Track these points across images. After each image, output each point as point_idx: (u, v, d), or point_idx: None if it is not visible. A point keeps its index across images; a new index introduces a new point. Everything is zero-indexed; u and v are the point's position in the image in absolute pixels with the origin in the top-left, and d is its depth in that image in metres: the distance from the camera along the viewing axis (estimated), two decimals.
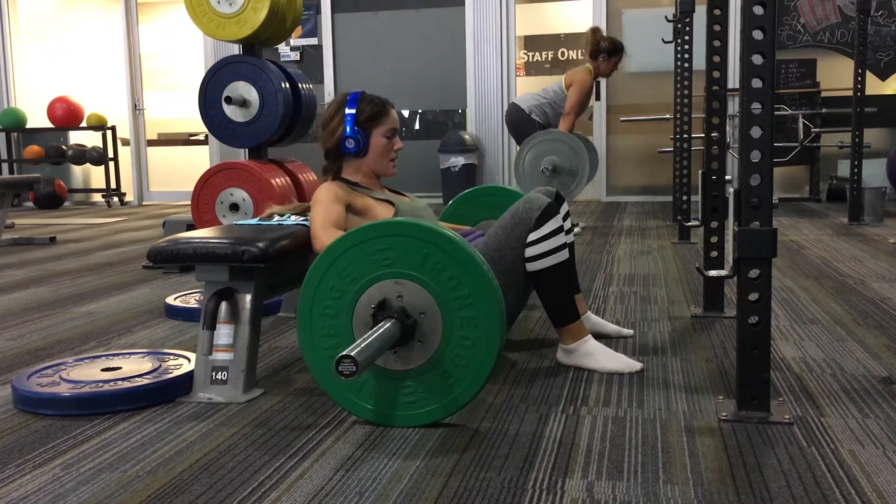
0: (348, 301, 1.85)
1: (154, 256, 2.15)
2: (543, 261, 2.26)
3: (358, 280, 1.84)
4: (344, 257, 1.84)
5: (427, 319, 1.81)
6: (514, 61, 7.78)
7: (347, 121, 2.39)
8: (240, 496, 1.53)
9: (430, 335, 1.82)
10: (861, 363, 2.29)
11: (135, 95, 8.75)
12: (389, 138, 2.45)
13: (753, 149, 1.78)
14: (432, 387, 1.83)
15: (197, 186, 3.84)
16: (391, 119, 2.45)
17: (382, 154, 2.45)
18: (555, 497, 1.49)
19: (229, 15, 3.76)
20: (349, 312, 1.86)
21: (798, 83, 7.00)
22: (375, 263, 1.83)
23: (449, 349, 1.81)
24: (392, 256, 1.82)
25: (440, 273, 1.79)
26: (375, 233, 1.83)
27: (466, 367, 1.80)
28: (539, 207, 2.27)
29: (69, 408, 2.00)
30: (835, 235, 4.87)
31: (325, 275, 1.86)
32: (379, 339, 1.73)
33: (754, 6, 1.76)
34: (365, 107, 2.41)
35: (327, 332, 1.87)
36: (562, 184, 5.11)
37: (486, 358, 1.79)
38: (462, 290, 1.79)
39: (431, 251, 1.80)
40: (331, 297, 1.86)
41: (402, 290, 1.82)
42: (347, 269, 1.85)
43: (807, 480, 1.54)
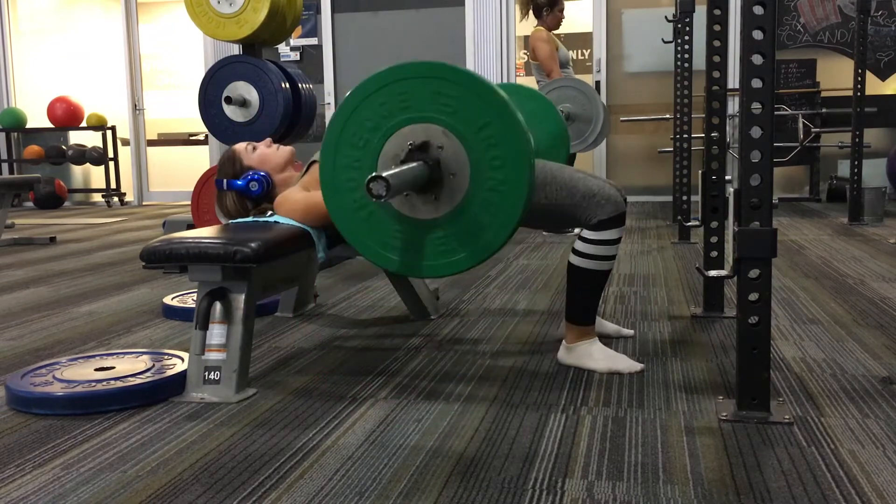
0: (373, 149, 1.78)
1: (147, 257, 2.16)
2: (589, 262, 2.24)
3: (380, 127, 1.77)
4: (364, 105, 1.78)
5: (454, 162, 1.75)
6: (514, 61, 7.78)
7: (232, 186, 2.54)
8: (240, 496, 1.53)
9: (458, 179, 1.75)
10: (861, 363, 2.29)
11: (135, 95, 8.75)
12: (255, 150, 2.59)
13: (753, 149, 1.78)
14: (462, 234, 1.76)
15: (197, 186, 3.84)
16: (242, 150, 2.60)
17: (267, 157, 2.58)
18: (555, 497, 1.49)
19: (229, 15, 3.76)
20: (373, 161, 1.79)
21: (798, 83, 7.00)
22: (396, 109, 1.76)
23: (477, 194, 1.73)
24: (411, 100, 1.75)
25: (465, 114, 1.72)
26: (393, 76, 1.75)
27: (496, 212, 1.73)
28: (609, 213, 2.21)
29: (62, 407, 2.00)
30: (835, 235, 4.87)
31: (347, 124, 1.79)
32: (408, 171, 1.67)
33: (754, 6, 1.76)
34: (224, 167, 2.59)
35: (352, 184, 1.80)
36: (577, 132, 4.93)
37: (515, 201, 1.72)
38: (489, 131, 1.72)
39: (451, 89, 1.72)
40: (354, 147, 1.80)
41: (425, 134, 1.76)
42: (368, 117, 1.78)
43: (807, 480, 1.54)
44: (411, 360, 2.42)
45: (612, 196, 2.24)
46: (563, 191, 2.24)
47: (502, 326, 2.82)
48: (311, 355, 2.51)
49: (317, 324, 2.94)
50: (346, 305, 3.24)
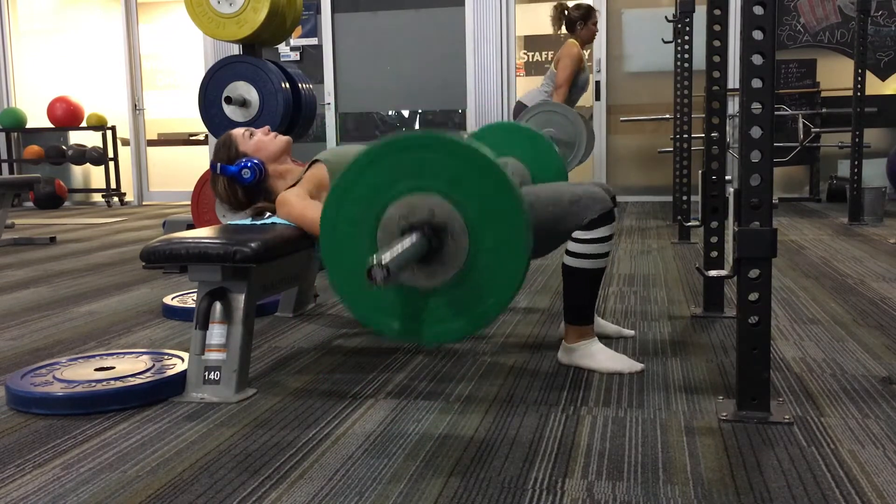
0: (371, 220, 1.79)
1: (147, 257, 2.16)
2: (582, 261, 2.24)
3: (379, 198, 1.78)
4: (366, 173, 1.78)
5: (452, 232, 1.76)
6: (514, 61, 7.78)
7: (225, 172, 2.52)
8: (240, 496, 1.53)
9: (456, 249, 1.76)
10: (861, 363, 2.29)
11: (135, 95, 8.75)
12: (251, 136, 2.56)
13: (753, 149, 1.78)
14: (461, 302, 1.77)
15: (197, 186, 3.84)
16: (238, 134, 2.57)
17: (263, 145, 2.55)
18: (555, 497, 1.49)
19: (229, 15, 3.76)
20: (372, 230, 1.79)
21: (798, 83, 7.00)
22: (395, 179, 1.77)
23: (476, 262, 1.75)
24: (416, 170, 1.76)
25: (463, 184, 1.74)
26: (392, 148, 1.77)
27: (494, 280, 1.75)
28: (599, 211, 2.22)
29: (62, 407, 2.00)
30: (835, 235, 4.87)
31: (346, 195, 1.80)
32: (408, 249, 1.68)
33: (754, 6, 1.76)
34: (219, 151, 2.56)
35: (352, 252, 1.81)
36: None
37: (515, 269, 1.73)
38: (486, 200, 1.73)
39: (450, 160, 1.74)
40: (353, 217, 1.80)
41: (426, 205, 1.77)
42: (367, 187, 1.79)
43: (807, 480, 1.54)
44: (411, 360, 2.42)
45: (597, 195, 2.25)
46: (550, 205, 2.25)
47: (502, 326, 2.82)
48: (311, 355, 2.51)
49: (317, 324, 2.94)
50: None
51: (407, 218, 1.78)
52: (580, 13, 5.23)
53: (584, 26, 5.26)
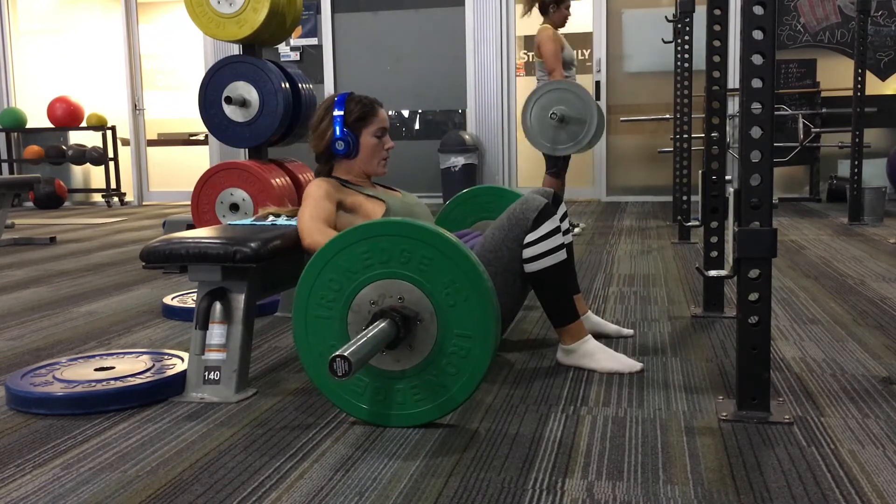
0: (342, 303, 1.85)
1: (147, 257, 2.16)
2: (541, 261, 2.26)
3: (351, 281, 1.84)
4: (337, 259, 1.84)
5: (421, 318, 1.81)
6: (514, 61, 7.78)
7: (336, 122, 2.38)
8: (240, 496, 1.53)
9: (425, 335, 1.82)
10: (861, 363, 2.29)
11: (135, 95, 8.75)
12: (379, 138, 2.43)
13: (753, 149, 1.78)
14: (427, 387, 1.83)
15: (197, 186, 3.84)
16: (380, 118, 2.43)
17: (373, 154, 2.43)
18: (555, 497, 1.49)
19: (229, 15, 3.76)
20: (343, 313, 1.86)
21: (798, 83, 7.00)
22: (368, 264, 1.83)
23: (444, 349, 1.81)
24: (385, 257, 1.82)
25: (433, 271, 1.79)
26: (366, 233, 1.83)
27: (461, 366, 1.80)
28: (536, 208, 2.27)
29: (62, 407, 2.00)
30: (835, 235, 4.87)
31: (319, 277, 1.86)
32: (373, 338, 1.73)
33: (754, 6, 1.76)
34: (353, 107, 2.40)
35: (322, 334, 1.87)
36: (571, 134, 4.94)
37: (481, 357, 1.79)
38: (455, 289, 1.78)
39: (423, 249, 1.79)
40: (324, 299, 1.86)
41: (396, 291, 1.82)
42: (340, 270, 1.84)
43: (807, 480, 1.54)
44: None
45: (527, 198, 2.30)
46: (492, 235, 2.30)
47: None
48: None
49: None
50: None
51: (377, 303, 1.83)
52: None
53: (556, 9, 5.26)
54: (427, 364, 1.82)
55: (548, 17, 5.27)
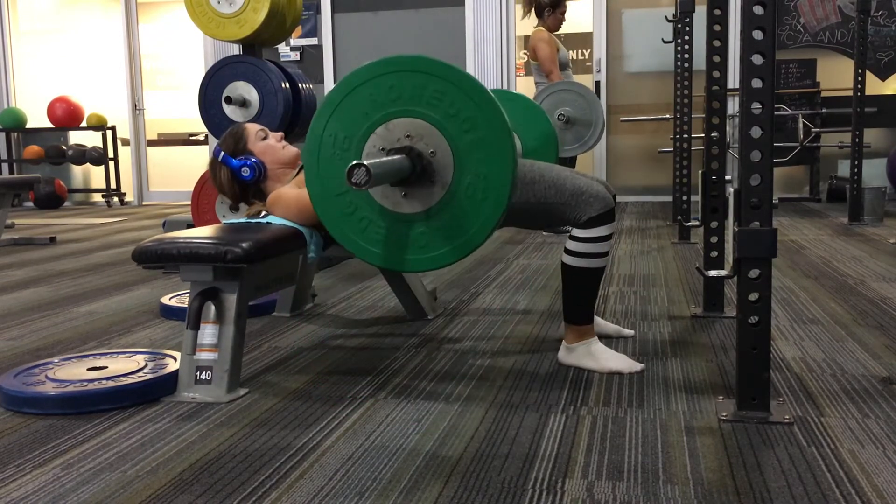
0: (356, 143, 1.79)
1: (139, 257, 2.16)
2: (581, 260, 2.24)
3: (363, 122, 1.78)
4: (348, 99, 1.78)
5: (437, 157, 1.75)
6: (514, 61, 7.78)
7: (227, 163, 2.52)
8: (240, 496, 1.53)
9: (441, 173, 1.75)
10: (861, 363, 2.29)
11: (135, 95, 8.75)
12: (264, 139, 2.55)
13: (753, 149, 1.78)
14: (445, 228, 1.77)
15: (197, 186, 3.84)
16: (251, 131, 2.56)
17: (271, 150, 2.54)
18: (555, 497, 1.49)
19: (229, 15, 3.76)
20: (359, 151, 1.79)
21: (798, 83, 7.00)
22: (380, 103, 1.77)
23: (460, 188, 1.74)
24: (396, 94, 1.76)
25: (448, 107, 1.73)
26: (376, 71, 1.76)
27: (479, 204, 1.74)
28: (601, 208, 2.21)
29: (53, 407, 2.00)
30: (835, 235, 4.87)
31: (331, 118, 1.80)
32: (391, 163, 1.67)
33: (754, 6, 1.76)
34: (226, 142, 2.55)
35: (336, 177, 1.81)
36: (577, 135, 4.98)
37: (499, 196, 1.72)
38: (470, 123, 1.72)
39: (437, 84, 1.73)
40: (337, 141, 1.80)
41: (409, 128, 1.76)
42: (351, 111, 1.78)
43: (807, 480, 1.54)
44: (411, 360, 2.42)
45: (599, 193, 2.23)
46: (551, 189, 2.24)
47: (502, 326, 2.82)
48: (310, 355, 2.51)
49: (316, 324, 2.94)
50: (345, 305, 3.24)
51: (394, 141, 1.78)
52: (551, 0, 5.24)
53: (551, 13, 5.27)
54: (443, 206, 1.75)
55: (542, 20, 5.29)
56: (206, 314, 2.13)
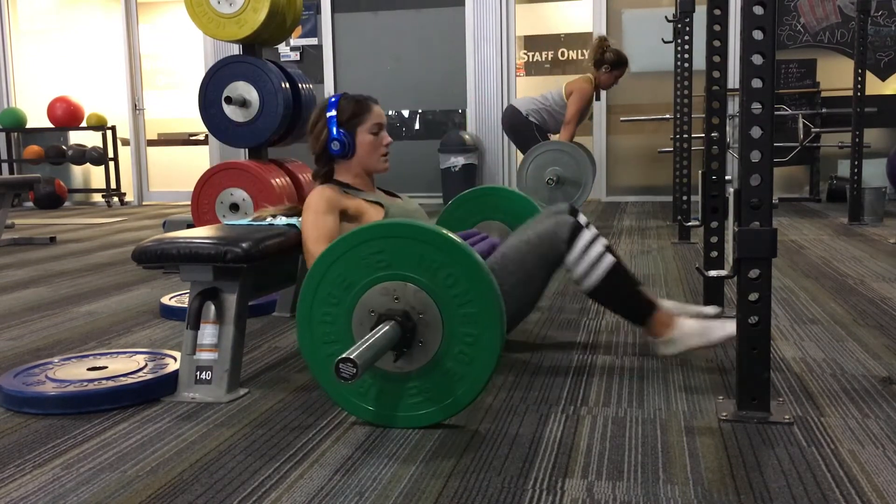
0: (346, 306, 1.85)
1: (139, 256, 2.16)
2: (592, 276, 2.21)
3: (354, 285, 1.83)
4: (338, 263, 1.83)
5: (426, 320, 1.81)
6: (514, 61, 7.78)
7: (330, 123, 2.38)
8: (240, 496, 1.53)
9: (430, 336, 1.81)
10: (861, 363, 2.28)
11: (135, 95, 8.75)
12: (376, 134, 2.42)
13: (753, 149, 1.78)
14: (433, 388, 1.83)
15: (197, 186, 3.84)
16: (375, 115, 2.42)
17: (371, 151, 2.42)
18: (555, 497, 1.49)
19: (229, 15, 3.76)
20: (348, 317, 1.85)
21: (798, 83, 7.00)
22: (370, 267, 1.82)
23: (450, 350, 1.80)
24: (386, 258, 1.81)
25: (437, 272, 1.79)
26: (366, 236, 1.82)
27: (467, 368, 1.80)
28: (566, 229, 2.22)
29: (53, 407, 2.00)
30: (835, 235, 4.87)
31: (322, 282, 1.85)
32: (379, 340, 1.73)
33: (754, 6, 1.76)
34: (345, 106, 2.40)
35: (327, 337, 1.87)
36: (566, 194, 5.14)
37: (487, 359, 1.78)
38: (460, 288, 1.78)
39: (426, 250, 1.79)
40: (329, 304, 1.85)
41: (398, 292, 1.82)
42: (342, 274, 1.83)
43: (807, 480, 1.54)
44: None
45: (559, 218, 2.26)
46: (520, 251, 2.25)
47: None
48: None
49: None
50: None
51: (382, 306, 1.82)
52: (615, 59, 5.24)
53: (609, 71, 5.26)
54: (432, 366, 1.82)
55: (597, 72, 5.27)
56: (206, 314, 2.13)
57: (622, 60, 5.27)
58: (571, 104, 5.21)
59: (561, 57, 7.98)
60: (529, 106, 5.33)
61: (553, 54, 7.99)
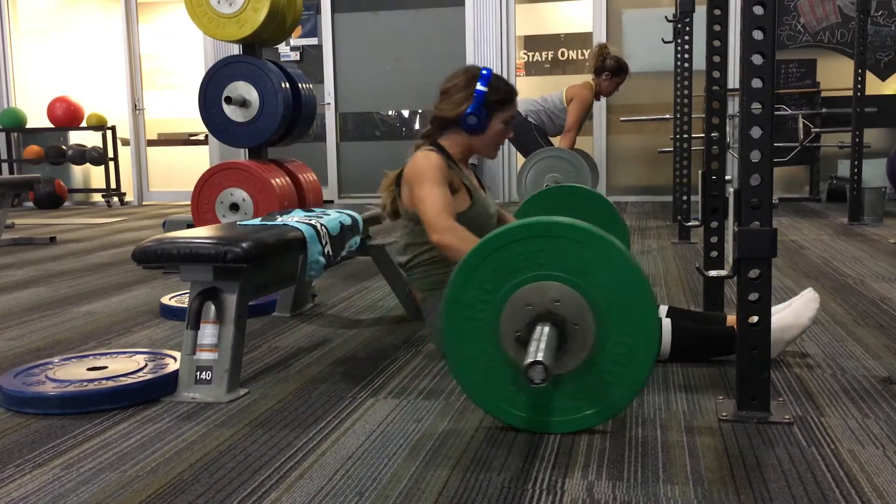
0: (495, 307, 1.77)
1: (139, 256, 2.16)
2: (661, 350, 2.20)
3: (504, 284, 1.76)
4: (489, 261, 1.76)
5: (579, 322, 1.74)
6: (514, 61, 7.78)
7: (477, 97, 2.31)
8: (240, 496, 1.53)
9: (583, 338, 1.75)
10: (861, 363, 2.28)
11: (135, 95, 8.75)
12: (506, 125, 2.39)
13: (753, 149, 1.78)
14: (588, 391, 1.76)
15: (197, 186, 3.84)
16: (513, 108, 2.40)
17: (494, 139, 2.39)
18: (555, 497, 1.49)
19: (229, 15, 3.76)
20: (496, 318, 1.77)
21: (798, 83, 7.00)
22: (524, 266, 1.75)
23: (604, 352, 1.74)
24: (542, 259, 1.74)
25: (591, 273, 1.73)
26: (521, 234, 1.75)
27: (623, 370, 1.74)
28: None
29: (53, 407, 2.00)
30: (835, 235, 4.87)
31: (469, 281, 1.77)
32: (550, 342, 1.66)
33: (754, 6, 1.76)
34: (497, 87, 2.34)
35: (472, 340, 1.79)
36: None
37: (644, 358, 1.73)
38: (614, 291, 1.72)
39: (581, 250, 1.72)
40: (477, 303, 1.77)
41: (553, 293, 1.75)
42: (493, 273, 1.76)
43: (807, 480, 1.54)
44: (411, 360, 2.42)
45: None
46: None
47: None
48: (310, 355, 2.51)
49: (316, 324, 2.94)
50: (345, 305, 3.24)
51: (535, 307, 1.75)
52: (615, 66, 5.23)
53: (609, 79, 5.26)
54: (586, 369, 1.75)
55: (598, 79, 5.27)
56: (206, 314, 2.13)
57: (622, 67, 5.26)
58: (572, 111, 5.20)
59: (561, 57, 7.97)
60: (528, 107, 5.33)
61: (553, 54, 7.99)
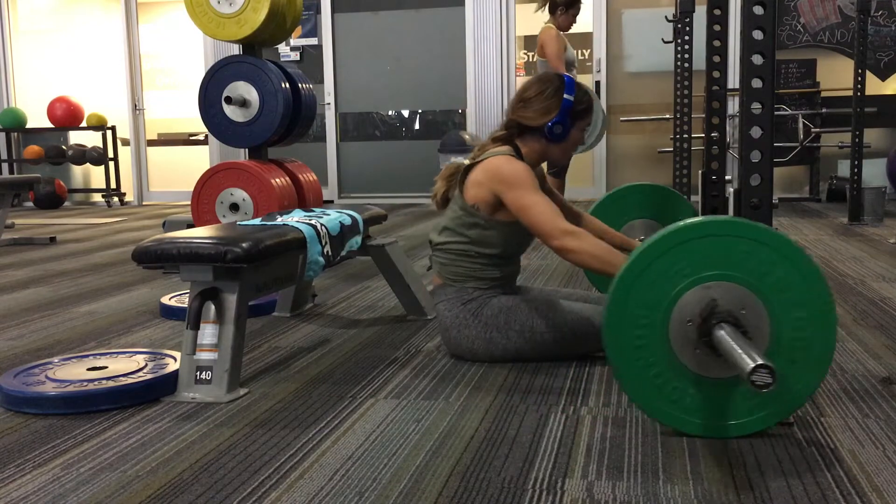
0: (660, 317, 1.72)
1: (139, 256, 2.16)
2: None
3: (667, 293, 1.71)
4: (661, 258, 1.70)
5: (754, 321, 1.70)
6: (514, 61, 7.78)
7: (565, 107, 2.31)
8: (240, 496, 1.53)
9: (757, 333, 1.70)
10: (861, 363, 2.28)
11: (135, 95, 8.75)
12: (582, 132, 2.40)
13: (753, 149, 1.78)
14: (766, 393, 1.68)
15: (197, 186, 3.84)
16: (592, 115, 2.41)
17: (570, 148, 2.40)
18: (555, 497, 1.49)
19: (229, 15, 3.76)
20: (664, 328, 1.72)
21: (798, 83, 7.00)
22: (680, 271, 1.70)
23: (780, 344, 1.70)
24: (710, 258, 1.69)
25: (767, 273, 1.69)
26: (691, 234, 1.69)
27: (802, 359, 1.70)
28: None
29: (53, 407, 2.00)
30: (835, 235, 4.87)
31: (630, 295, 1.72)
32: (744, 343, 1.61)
33: (754, 6, 1.76)
34: (583, 99, 2.34)
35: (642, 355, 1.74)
36: None
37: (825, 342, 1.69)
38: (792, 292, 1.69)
39: (756, 249, 1.68)
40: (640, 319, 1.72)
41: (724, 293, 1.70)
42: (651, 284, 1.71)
43: (807, 480, 1.54)
44: (411, 360, 2.42)
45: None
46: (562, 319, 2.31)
47: None
48: (310, 355, 2.51)
49: (316, 324, 2.94)
50: (345, 305, 3.24)
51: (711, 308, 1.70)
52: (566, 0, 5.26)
53: (564, 12, 5.28)
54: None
55: (554, 17, 5.30)
56: (206, 314, 2.13)
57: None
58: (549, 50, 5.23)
59: None
60: None
61: None
